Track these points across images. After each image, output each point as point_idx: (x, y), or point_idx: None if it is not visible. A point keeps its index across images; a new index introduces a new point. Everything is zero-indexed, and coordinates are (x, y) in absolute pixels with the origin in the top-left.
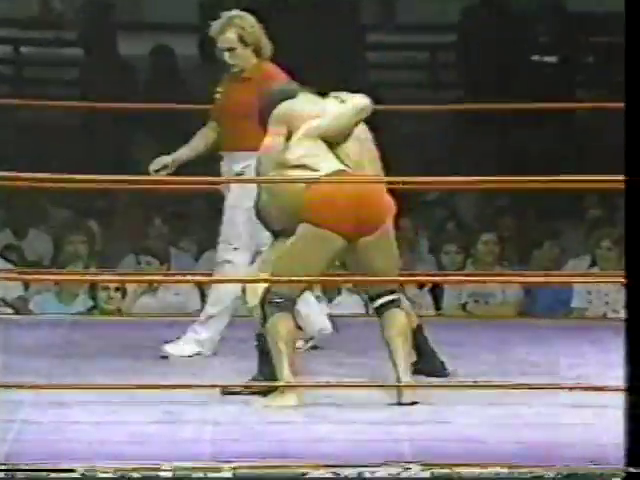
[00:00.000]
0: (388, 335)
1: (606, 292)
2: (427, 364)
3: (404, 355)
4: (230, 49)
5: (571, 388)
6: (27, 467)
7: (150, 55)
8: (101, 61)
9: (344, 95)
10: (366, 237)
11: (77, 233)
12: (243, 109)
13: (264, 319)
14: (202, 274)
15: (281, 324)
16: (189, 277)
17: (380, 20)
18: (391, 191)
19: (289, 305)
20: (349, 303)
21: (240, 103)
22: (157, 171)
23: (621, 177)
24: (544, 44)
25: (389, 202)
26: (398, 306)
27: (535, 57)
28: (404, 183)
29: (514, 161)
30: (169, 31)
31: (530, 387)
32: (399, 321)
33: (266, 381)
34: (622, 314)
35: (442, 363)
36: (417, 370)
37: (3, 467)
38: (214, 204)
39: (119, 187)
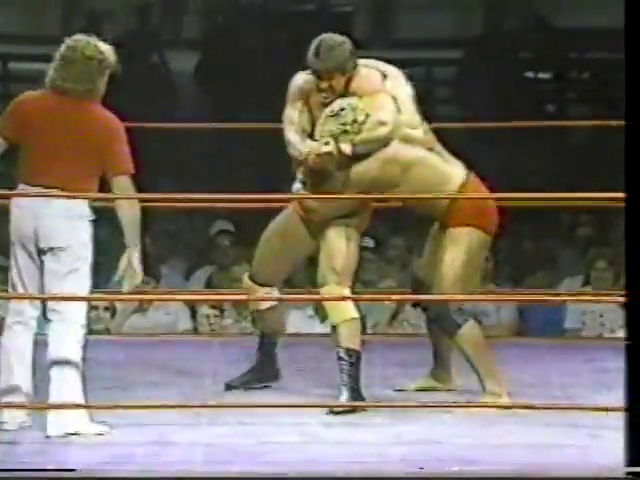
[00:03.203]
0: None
1: (601, 313)
2: (262, 373)
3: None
4: None
5: (578, 409)
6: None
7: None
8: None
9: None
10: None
11: None
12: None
13: (454, 328)
14: (194, 292)
15: (474, 331)
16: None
17: (373, 35)
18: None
19: (472, 312)
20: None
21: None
22: None
23: (621, 194)
24: (537, 60)
25: None
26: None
27: (529, 74)
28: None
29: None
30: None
31: (525, 406)
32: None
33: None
34: (618, 334)
35: (277, 371)
36: (255, 376)
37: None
38: (203, 222)
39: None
